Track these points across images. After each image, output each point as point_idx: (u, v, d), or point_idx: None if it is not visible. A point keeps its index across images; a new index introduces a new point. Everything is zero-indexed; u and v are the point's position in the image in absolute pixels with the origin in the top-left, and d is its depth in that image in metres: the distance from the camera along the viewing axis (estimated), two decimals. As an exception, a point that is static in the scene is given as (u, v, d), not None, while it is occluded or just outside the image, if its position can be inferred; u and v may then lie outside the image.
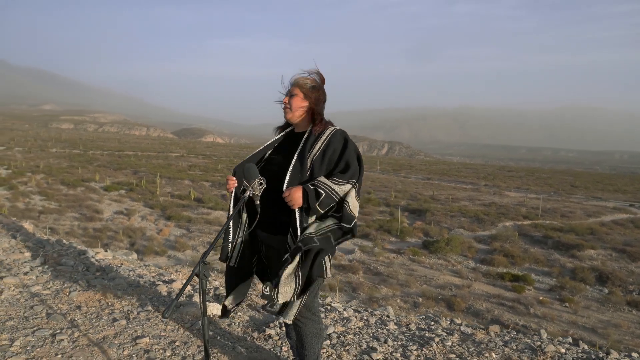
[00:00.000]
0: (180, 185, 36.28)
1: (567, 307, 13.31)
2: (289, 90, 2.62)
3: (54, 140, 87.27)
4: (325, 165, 2.46)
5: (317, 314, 2.66)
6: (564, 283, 15.42)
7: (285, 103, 2.61)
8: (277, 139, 2.74)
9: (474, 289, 14.41)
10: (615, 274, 16.41)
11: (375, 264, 17.03)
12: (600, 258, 19.44)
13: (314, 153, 2.47)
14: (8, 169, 38.55)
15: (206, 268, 2.22)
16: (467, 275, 16.25)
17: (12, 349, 3.06)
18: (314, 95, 2.59)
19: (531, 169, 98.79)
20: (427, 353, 3.31)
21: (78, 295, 4.07)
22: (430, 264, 17.69)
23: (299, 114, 2.60)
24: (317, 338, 2.65)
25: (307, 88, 2.59)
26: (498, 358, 3.31)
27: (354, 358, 3.20)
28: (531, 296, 14.27)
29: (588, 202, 38.98)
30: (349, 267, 16.01)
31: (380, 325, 3.84)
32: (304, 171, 2.42)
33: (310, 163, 2.45)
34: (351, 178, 2.40)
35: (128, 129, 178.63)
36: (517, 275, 16.14)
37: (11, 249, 5.43)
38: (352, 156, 2.47)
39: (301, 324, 2.58)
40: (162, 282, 4.62)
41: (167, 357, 3.09)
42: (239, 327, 3.67)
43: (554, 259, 19.31)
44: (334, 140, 2.50)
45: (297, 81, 2.61)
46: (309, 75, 2.64)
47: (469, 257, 19.24)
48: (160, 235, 19.37)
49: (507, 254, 19.20)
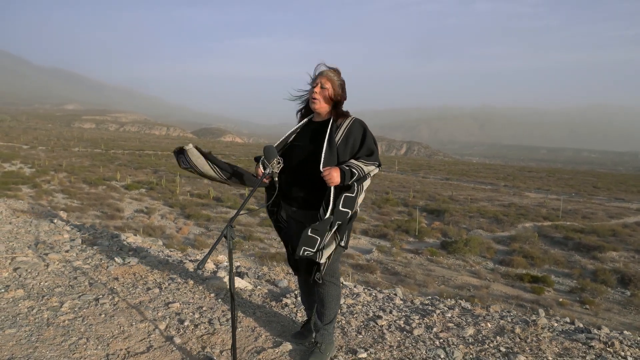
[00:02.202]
0: (200, 184, 36.51)
1: (587, 309, 13.00)
2: (319, 81, 2.79)
3: (76, 139, 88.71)
4: (348, 150, 2.74)
5: (338, 278, 2.98)
6: (584, 285, 15.09)
7: (317, 93, 2.78)
8: (297, 128, 2.97)
9: (493, 290, 14.22)
10: (637, 276, 16.00)
11: (392, 264, 16.92)
12: (623, 260, 19.03)
13: (337, 140, 2.75)
14: (32, 167, 39.26)
15: (232, 231, 2.48)
16: (486, 276, 16.05)
17: (62, 309, 3.56)
18: (341, 91, 2.83)
19: (552, 170, 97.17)
20: (427, 322, 3.63)
21: (115, 269, 4.51)
22: (448, 265, 17.51)
23: (326, 105, 2.82)
24: (336, 300, 2.98)
25: (337, 84, 2.81)
26: (493, 327, 3.58)
27: (361, 323, 3.56)
28: (550, 298, 14.02)
29: (610, 204, 38.23)
30: (366, 266, 15.91)
31: (387, 300, 4.12)
32: (333, 155, 2.70)
33: (336, 148, 2.73)
34: (375, 160, 2.77)
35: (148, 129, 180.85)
36: (536, 277, 15.88)
37: (51, 231, 5.90)
38: (372, 142, 2.80)
39: (324, 287, 2.90)
40: (188, 261, 5.04)
41: (196, 318, 3.52)
42: (258, 298, 4.04)
43: (575, 260, 18.96)
44: (354, 129, 2.78)
45: (327, 75, 2.80)
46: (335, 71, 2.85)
47: (487, 258, 19.00)
48: (180, 233, 19.47)
49: (526, 255, 18.89)
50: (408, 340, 3.26)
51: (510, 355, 3.08)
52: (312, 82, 2.85)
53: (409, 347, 3.15)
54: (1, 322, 3.29)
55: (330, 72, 2.82)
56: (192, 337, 3.22)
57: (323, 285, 2.90)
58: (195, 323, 3.42)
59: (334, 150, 2.71)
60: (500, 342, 3.29)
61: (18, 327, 3.22)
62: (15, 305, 3.59)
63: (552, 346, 3.25)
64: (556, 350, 3.19)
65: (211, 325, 3.40)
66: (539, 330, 3.51)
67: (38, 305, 3.61)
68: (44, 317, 3.41)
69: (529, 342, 3.31)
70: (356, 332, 3.38)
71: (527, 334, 3.44)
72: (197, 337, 3.21)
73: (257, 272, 4.81)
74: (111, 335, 3.18)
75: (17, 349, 2.94)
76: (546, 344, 3.27)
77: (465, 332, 3.43)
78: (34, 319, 3.36)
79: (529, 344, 3.28)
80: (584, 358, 3.08)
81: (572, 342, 3.33)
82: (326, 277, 2.88)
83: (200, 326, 3.38)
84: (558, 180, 63.95)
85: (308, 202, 2.79)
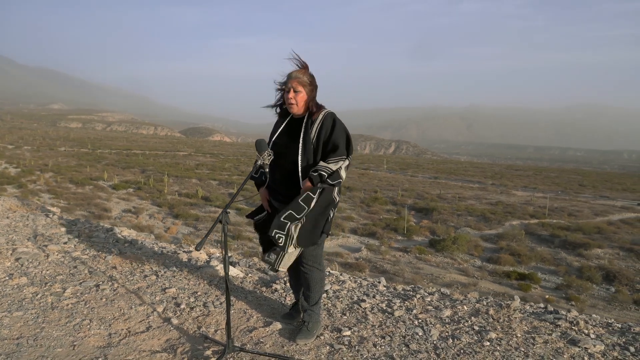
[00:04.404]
0: (188, 183, 36.53)
1: (573, 306, 13.27)
2: (291, 86, 2.95)
3: (62, 139, 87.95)
4: (322, 143, 2.96)
5: (321, 263, 3.22)
6: (570, 282, 15.43)
7: (292, 99, 2.94)
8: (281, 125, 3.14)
9: (480, 287, 14.46)
10: (622, 273, 16.38)
11: (381, 262, 17.12)
12: (608, 257, 19.42)
13: (312, 135, 2.97)
14: (17, 167, 38.98)
15: (227, 216, 2.72)
16: (474, 274, 16.31)
17: (65, 294, 3.79)
18: (312, 88, 3.01)
19: (539, 168, 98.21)
20: (408, 305, 3.86)
21: (113, 258, 4.75)
22: (436, 263, 17.76)
23: (303, 106, 3.00)
24: (321, 283, 3.22)
25: (307, 82, 2.97)
26: (469, 309, 3.81)
27: (345, 306, 3.79)
28: (537, 294, 14.32)
29: (596, 201, 38.85)
30: (355, 265, 16.08)
31: (371, 287, 4.36)
32: (309, 153, 2.94)
33: (311, 143, 2.95)
34: (341, 156, 2.94)
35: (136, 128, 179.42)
36: (523, 274, 16.18)
37: (48, 225, 6.12)
38: (340, 136, 2.97)
39: (309, 272, 3.15)
40: (182, 252, 5.27)
41: (192, 302, 3.76)
42: (250, 284, 4.28)
43: (561, 257, 19.32)
44: (325, 122, 2.98)
45: (297, 78, 2.95)
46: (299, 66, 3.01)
47: (475, 256, 19.30)
48: (168, 233, 19.56)
49: (513, 252, 19.22)
50: (389, 321, 3.51)
51: (482, 332, 3.34)
52: (283, 85, 3.02)
53: (390, 326, 3.40)
54: (8, 306, 3.51)
55: (300, 72, 2.98)
56: (188, 318, 3.46)
57: (308, 271, 3.15)
58: (191, 306, 3.66)
59: (309, 148, 2.94)
60: (475, 321, 3.55)
61: (24, 310, 3.44)
62: (20, 291, 3.82)
63: (522, 325, 3.52)
64: (525, 328, 3.46)
65: (206, 307, 3.64)
66: (511, 312, 3.76)
67: (42, 291, 3.83)
68: (48, 301, 3.63)
69: (501, 321, 3.56)
70: (341, 314, 3.62)
71: (500, 315, 3.69)
72: (193, 319, 3.45)
73: (248, 262, 5.04)
74: (112, 317, 3.41)
75: (25, 329, 3.15)
76: (517, 323, 3.53)
77: (443, 314, 3.68)
78: (39, 303, 3.59)
79: (501, 323, 3.53)
80: (550, 335, 3.35)
81: (540, 322, 3.60)
82: (310, 263, 3.13)
83: (196, 309, 3.62)
84: (545, 178, 64.74)
85: (290, 197, 2.98)
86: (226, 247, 2.77)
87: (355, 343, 3.11)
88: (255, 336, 3.18)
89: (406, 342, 3.15)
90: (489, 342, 3.19)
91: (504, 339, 3.25)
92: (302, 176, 2.95)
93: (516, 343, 3.19)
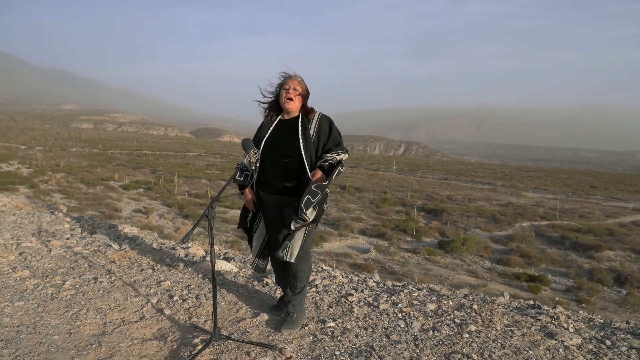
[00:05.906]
0: (198, 184, 36.83)
1: (583, 308, 13.16)
2: (291, 84, 3.19)
3: (74, 139, 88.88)
4: (321, 142, 3.21)
5: (309, 253, 3.42)
6: (581, 284, 15.27)
7: (292, 94, 3.17)
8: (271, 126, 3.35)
9: (490, 289, 14.37)
10: (634, 275, 16.17)
11: (390, 263, 17.15)
12: (619, 259, 19.24)
13: (311, 133, 3.20)
14: (29, 167, 39.53)
15: (213, 211, 2.95)
16: (483, 275, 16.26)
17: (65, 286, 3.99)
18: (307, 93, 3.29)
19: (550, 170, 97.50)
20: (394, 299, 3.98)
21: (112, 253, 4.94)
22: (445, 264, 17.74)
23: (299, 105, 3.25)
24: (307, 272, 3.40)
25: (304, 87, 3.26)
26: (453, 304, 3.93)
27: (333, 299, 3.93)
28: (547, 296, 14.20)
29: (607, 203, 38.53)
30: (364, 266, 16.10)
31: (361, 282, 4.49)
32: (310, 148, 3.17)
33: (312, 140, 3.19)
34: (343, 149, 3.25)
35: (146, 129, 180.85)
36: (533, 276, 16.04)
37: (53, 222, 6.32)
38: (338, 134, 3.29)
39: (298, 262, 3.29)
40: (180, 248, 5.45)
41: (185, 294, 3.94)
42: (242, 279, 4.45)
43: (571, 259, 19.19)
44: (322, 122, 3.27)
45: (296, 77, 3.24)
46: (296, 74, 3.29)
47: (484, 257, 19.23)
48: (178, 233, 19.79)
49: (523, 254, 19.12)
50: (374, 314, 3.64)
51: (463, 325, 3.46)
52: (282, 85, 3.25)
53: (374, 319, 3.53)
54: (10, 296, 3.71)
55: (297, 76, 3.26)
56: (180, 309, 3.63)
57: (297, 261, 3.30)
58: (184, 298, 3.84)
59: (310, 144, 3.17)
60: (457, 315, 3.67)
61: (25, 301, 3.64)
62: (22, 283, 4.02)
63: (503, 319, 3.62)
64: (506, 322, 3.56)
65: (198, 299, 3.82)
66: (495, 307, 3.87)
67: (43, 283, 4.03)
68: (48, 292, 3.83)
69: (483, 315, 3.67)
70: (328, 307, 3.77)
71: (483, 309, 3.80)
72: (185, 310, 3.62)
73: (244, 258, 5.19)
74: (108, 307, 3.60)
75: (26, 317, 3.35)
76: (498, 317, 3.64)
77: (427, 308, 3.80)
78: (39, 294, 3.79)
79: (483, 317, 3.64)
80: (529, 328, 3.45)
81: (522, 316, 3.69)
82: (300, 254, 3.29)
83: (188, 300, 3.79)
84: (555, 179, 64.32)
85: (287, 190, 3.23)
86: (212, 240, 2.93)
87: (338, 334, 3.25)
88: (242, 326, 3.34)
89: (387, 333, 3.28)
90: (468, 334, 3.31)
91: (483, 331, 3.36)
92: (310, 168, 3.15)
93: (495, 335, 3.30)
